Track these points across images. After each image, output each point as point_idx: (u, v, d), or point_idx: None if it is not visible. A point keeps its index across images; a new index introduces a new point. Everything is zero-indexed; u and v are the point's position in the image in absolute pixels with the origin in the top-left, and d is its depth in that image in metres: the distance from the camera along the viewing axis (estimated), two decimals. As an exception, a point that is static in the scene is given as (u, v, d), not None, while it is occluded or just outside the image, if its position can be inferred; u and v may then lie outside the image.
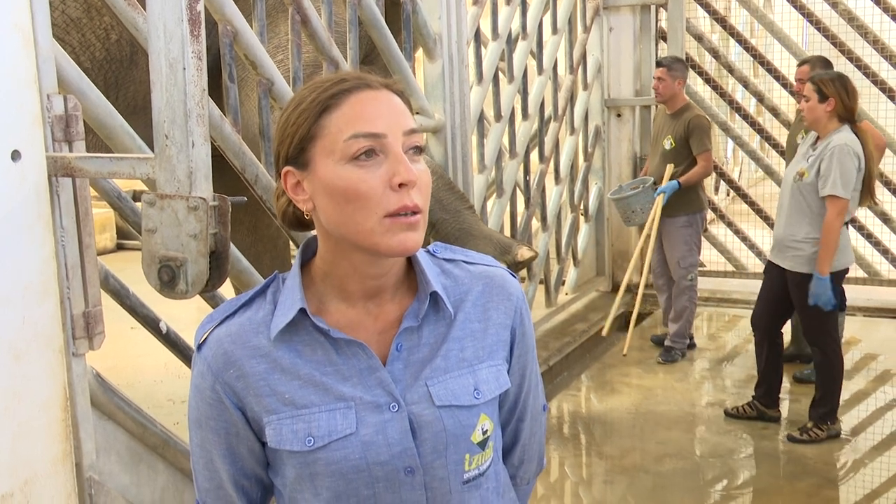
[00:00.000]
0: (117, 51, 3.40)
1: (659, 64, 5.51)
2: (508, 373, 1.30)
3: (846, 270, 4.17)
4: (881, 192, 5.31)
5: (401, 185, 1.13)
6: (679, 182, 5.30)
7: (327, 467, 1.17)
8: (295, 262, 1.25)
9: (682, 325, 5.57)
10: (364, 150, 1.13)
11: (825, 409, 4.22)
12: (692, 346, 5.71)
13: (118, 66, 3.45)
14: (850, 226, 4.40)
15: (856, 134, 3.98)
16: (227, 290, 2.68)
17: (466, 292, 1.28)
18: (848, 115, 3.99)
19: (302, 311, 1.19)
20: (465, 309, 1.26)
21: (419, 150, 1.18)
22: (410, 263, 1.26)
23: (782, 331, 4.42)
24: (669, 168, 5.38)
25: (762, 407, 4.47)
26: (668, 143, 5.41)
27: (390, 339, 1.23)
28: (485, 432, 1.24)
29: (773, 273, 4.29)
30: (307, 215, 1.21)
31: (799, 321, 5.02)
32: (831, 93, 3.94)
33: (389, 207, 1.13)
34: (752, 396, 4.53)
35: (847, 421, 4.45)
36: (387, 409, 1.19)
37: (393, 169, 1.13)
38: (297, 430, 1.18)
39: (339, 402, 1.19)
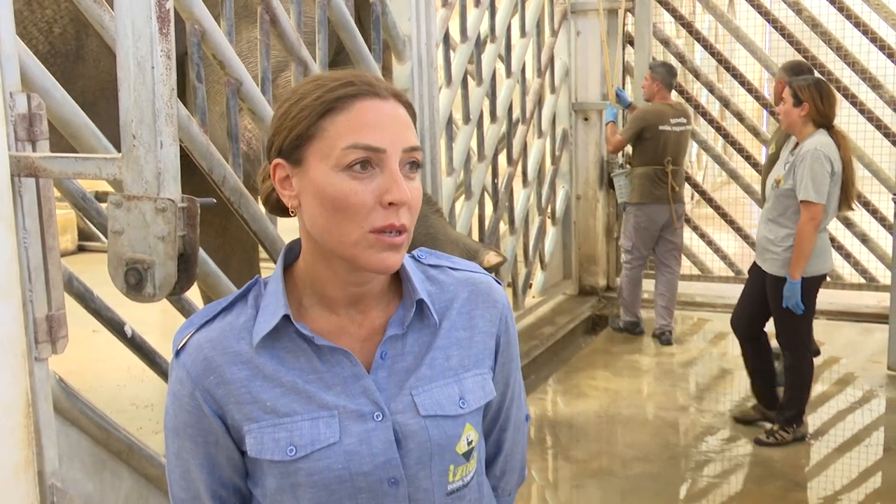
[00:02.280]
0: (62, 44, 3.32)
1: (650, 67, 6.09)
2: (493, 381, 1.27)
3: (823, 276, 4.18)
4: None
5: (391, 204, 1.10)
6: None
7: (309, 477, 1.14)
8: (277, 267, 1.22)
9: (619, 299, 6.22)
10: (360, 160, 1.10)
11: (792, 412, 4.26)
12: (627, 327, 6.13)
13: (63, 61, 3.36)
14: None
15: (834, 138, 4.01)
16: (193, 293, 2.64)
17: (452, 299, 1.25)
18: (823, 119, 4.03)
19: (285, 317, 1.16)
20: (451, 317, 1.24)
21: (416, 165, 1.15)
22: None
23: (765, 330, 4.40)
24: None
25: (764, 409, 4.47)
26: None
27: (374, 346, 1.20)
28: (470, 443, 1.21)
29: (755, 274, 4.32)
30: (292, 212, 1.18)
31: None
32: (806, 98, 3.99)
33: (376, 223, 1.10)
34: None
35: (812, 423, 4.49)
36: (371, 419, 1.16)
37: (386, 186, 1.10)
38: (278, 438, 1.14)
39: (322, 410, 1.15)
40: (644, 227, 5.87)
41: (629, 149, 6.05)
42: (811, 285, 4.10)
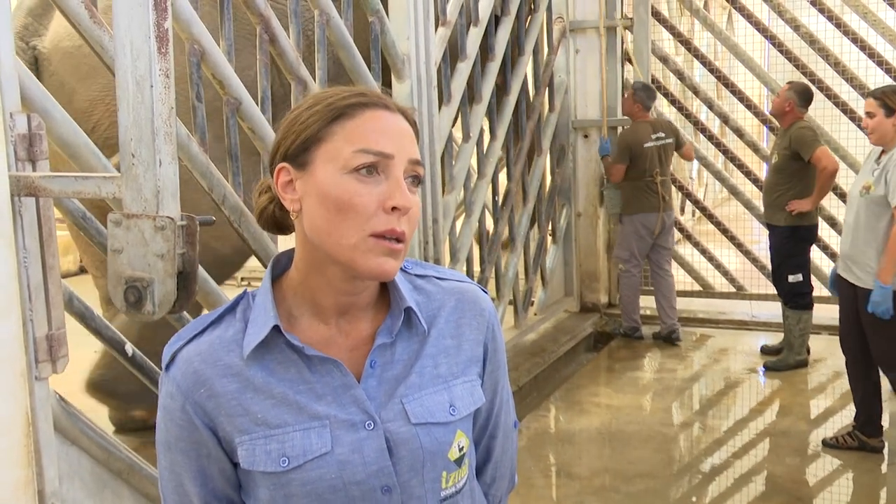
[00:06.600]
0: None
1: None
2: (481, 388, 1.28)
3: None
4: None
5: (394, 209, 1.12)
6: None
7: (302, 488, 1.15)
8: (265, 279, 1.22)
9: (620, 307, 6.53)
10: (368, 164, 1.12)
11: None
12: (628, 332, 6.44)
13: None
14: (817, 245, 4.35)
15: None
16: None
17: (439, 308, 1.26)
18: None
19: (275, 328, 1.16)
20: (439, 325, 1.25)
21: (418, 180, 1.17)
22: None
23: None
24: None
25: (864, 437, 4.29)
26: None
27: (362, 355, 1.21)
28: (461, 449, 1.22)
29: (845, 290, 4.16)
30: (293, 214, 1.19)
31: None
32: None
33: (377, 227, 1.12)
34: (853, 426, 4.36)
35: (814, 438, 4.48)
36: (362, 428, 1.17)
37: (390, 191, 1.13)
38: (270, 450, 1.15)
39: (313, 420, 1.16)
40: (642, 235, 6.24)
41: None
42: None
